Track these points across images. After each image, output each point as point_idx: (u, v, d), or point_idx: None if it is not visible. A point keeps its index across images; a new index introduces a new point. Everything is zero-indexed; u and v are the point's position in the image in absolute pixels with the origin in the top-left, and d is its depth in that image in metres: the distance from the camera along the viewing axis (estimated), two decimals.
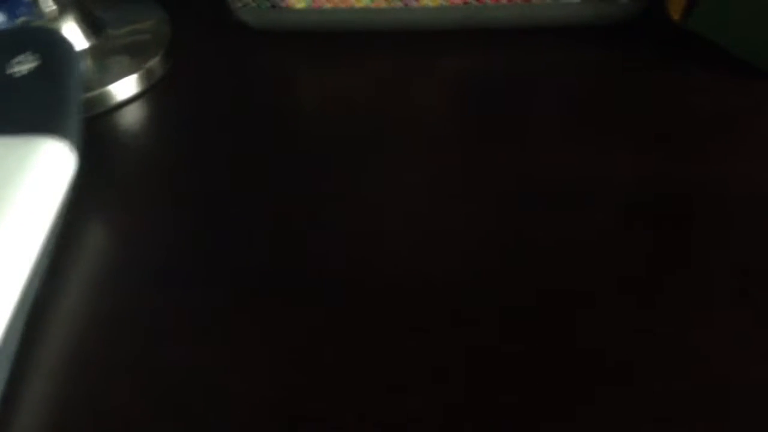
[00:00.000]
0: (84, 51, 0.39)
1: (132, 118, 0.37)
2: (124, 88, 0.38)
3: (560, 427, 0.24)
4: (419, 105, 0.36)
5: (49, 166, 0.29)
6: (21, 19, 0.38)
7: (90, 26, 0.39)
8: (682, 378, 0.25)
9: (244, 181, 0.33)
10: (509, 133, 0.34)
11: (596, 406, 0.24)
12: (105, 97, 0.37)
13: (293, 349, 0.27)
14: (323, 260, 0.30)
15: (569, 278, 0.28)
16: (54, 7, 0.38)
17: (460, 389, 0.25)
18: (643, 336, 0.26)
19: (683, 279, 0.28)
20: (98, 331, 0.28)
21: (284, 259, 0.30)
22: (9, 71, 0.32)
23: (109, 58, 0.39)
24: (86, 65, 0.38)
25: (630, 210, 0.31)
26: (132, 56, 0.39)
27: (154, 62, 0.39)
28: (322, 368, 0.26)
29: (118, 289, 0.29)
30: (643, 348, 0.26)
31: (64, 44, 0.34)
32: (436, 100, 0.37)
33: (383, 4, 0.38)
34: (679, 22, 0.37)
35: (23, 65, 0.33)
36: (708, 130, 0.34)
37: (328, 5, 0.39)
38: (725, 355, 0.25)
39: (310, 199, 0.32)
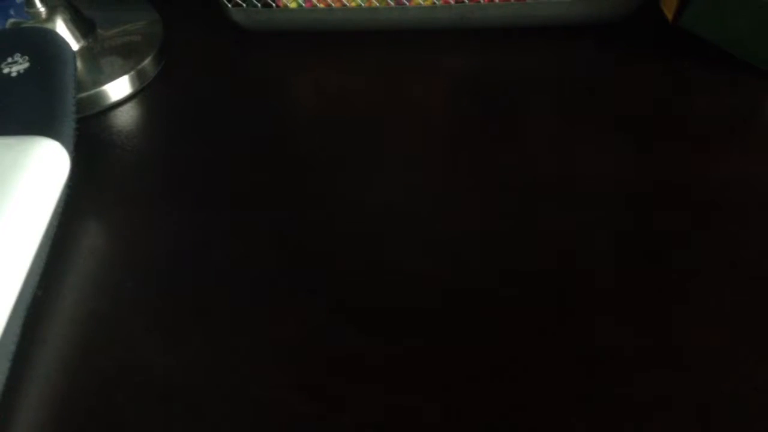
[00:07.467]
0: (75, 52, 0.38)
1: (125, 118, 0.37)
2: (117, 88, 0.37)
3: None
4: (413, 105, 0.36)
5: (43, 166, 0.28)
6: (11, 21, 0.38)
7: (80, 27, 0.39)
8: (682, 375, 0.25)
9: (238, 181, 0.33)
10: (505, 132, 0.34)
11: (596, 399, 0.25)
12: (97, 98, 0.37)
13: (293, 348, 0.27)
14: (322, 260, 0.29)
15: (570, 276, 0.28)
16: (44, 9, 0.38)
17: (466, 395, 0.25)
18: (643, 331, 0.26)
19: (685, 276, 0.28)
20: (95, 330, 0.27)
21: (282, 259, 0.30)
22: (1, 72, 0.32)
23: (100, 59, 0.39)
24: (78, 66, 0.37)
25: (629, 208, 0.31)
26: (124, 57, 0.39)
27: (146, 63, 0.38)
28: (322, 368, 0.26)
29: (113, 289, 0.29)
30: (645, 343, 0.26)
31: (57, 45, 0.34)
32: (431, 100, 0.37)
33: (376, 3, 0.38)
34: (673, 21, 0.37)
35: (15, 66, 0.32)
36: (707, 129, 0.34)
37: (321, 5, 0.38)
38: (729, 354, 0.26)
39: (306, 197, 0.32)
